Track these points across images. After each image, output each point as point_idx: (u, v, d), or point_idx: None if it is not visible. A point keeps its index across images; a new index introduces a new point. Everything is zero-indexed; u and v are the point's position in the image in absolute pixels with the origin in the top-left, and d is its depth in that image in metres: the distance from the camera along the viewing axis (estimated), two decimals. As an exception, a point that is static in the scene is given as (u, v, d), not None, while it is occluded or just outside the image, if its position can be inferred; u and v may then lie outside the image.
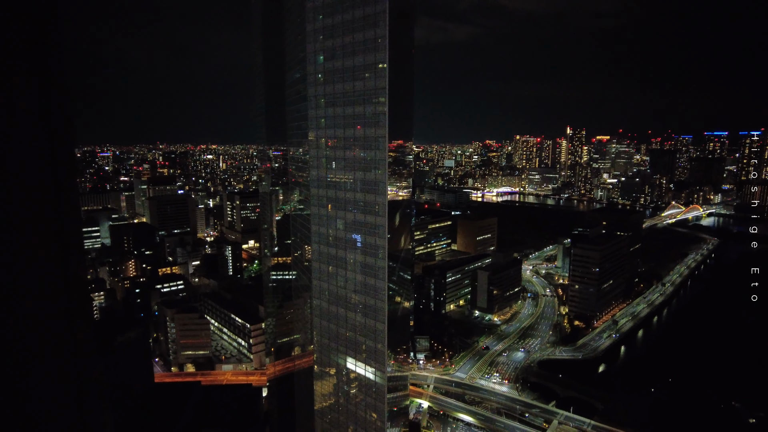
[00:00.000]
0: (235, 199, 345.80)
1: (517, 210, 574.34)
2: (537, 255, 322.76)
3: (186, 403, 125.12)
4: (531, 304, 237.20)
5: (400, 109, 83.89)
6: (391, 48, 77.67)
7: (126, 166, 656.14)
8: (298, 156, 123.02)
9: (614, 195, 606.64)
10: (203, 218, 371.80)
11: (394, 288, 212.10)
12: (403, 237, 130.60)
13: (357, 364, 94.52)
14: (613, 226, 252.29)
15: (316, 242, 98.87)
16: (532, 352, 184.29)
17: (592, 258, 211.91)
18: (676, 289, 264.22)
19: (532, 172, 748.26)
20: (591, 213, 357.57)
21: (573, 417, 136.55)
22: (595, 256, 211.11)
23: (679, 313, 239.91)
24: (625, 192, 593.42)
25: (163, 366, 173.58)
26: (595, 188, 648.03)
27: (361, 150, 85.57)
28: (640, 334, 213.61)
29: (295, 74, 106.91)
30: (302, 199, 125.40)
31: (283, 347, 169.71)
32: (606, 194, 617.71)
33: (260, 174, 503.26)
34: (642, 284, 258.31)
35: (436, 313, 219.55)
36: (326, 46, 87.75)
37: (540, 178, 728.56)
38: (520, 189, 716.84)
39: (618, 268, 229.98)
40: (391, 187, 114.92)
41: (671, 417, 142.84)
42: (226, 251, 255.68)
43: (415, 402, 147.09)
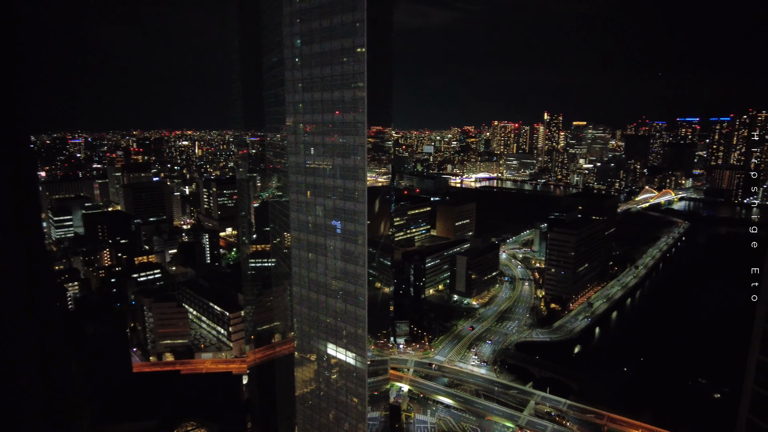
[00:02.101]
0: (211, 186, 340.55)
1: (495, 195, 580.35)
2: (514, 240, 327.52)
3: (166, 392, 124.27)
4: (508, 287, 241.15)
5: (379, 95, 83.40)
6: (370, 32, 76.78)
7: (99, 153, 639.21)
8: (276, 142, 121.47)
9: (590, 180, 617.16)
10: (179, 206, 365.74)
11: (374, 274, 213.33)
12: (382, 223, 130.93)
13: (337, 349, 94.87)
14: (588, 210, 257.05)
15: (295, 229, 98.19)
16: (509, 335, 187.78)
17: (568, 242, 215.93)
18: (649, 271, 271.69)
19: (509, 157, 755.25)
20: (567, 198, 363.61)
21: (549, 397, 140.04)
22: (571, 241, 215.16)
23: (651, 295, 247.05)
24: (601, 177, 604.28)
25: (142, 356, 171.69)
26: (571, 173, 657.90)
27: (339, 136, 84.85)
28: (614, 315, 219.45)
29: (272, 58, 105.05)
30: (280, 186, 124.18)
31: (262, 335, 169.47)
32: (582, 179, 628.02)
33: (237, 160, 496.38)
34: (616, 267, 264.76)
35: (415, 298, 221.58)
36: (303, 29, 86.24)
37: (518, 163, 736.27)
38: (498, 174, 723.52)
39: (593, 251, 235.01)
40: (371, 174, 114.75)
41: (642, 394, 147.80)
42: (204, 239, 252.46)
43: (396, 386, 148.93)
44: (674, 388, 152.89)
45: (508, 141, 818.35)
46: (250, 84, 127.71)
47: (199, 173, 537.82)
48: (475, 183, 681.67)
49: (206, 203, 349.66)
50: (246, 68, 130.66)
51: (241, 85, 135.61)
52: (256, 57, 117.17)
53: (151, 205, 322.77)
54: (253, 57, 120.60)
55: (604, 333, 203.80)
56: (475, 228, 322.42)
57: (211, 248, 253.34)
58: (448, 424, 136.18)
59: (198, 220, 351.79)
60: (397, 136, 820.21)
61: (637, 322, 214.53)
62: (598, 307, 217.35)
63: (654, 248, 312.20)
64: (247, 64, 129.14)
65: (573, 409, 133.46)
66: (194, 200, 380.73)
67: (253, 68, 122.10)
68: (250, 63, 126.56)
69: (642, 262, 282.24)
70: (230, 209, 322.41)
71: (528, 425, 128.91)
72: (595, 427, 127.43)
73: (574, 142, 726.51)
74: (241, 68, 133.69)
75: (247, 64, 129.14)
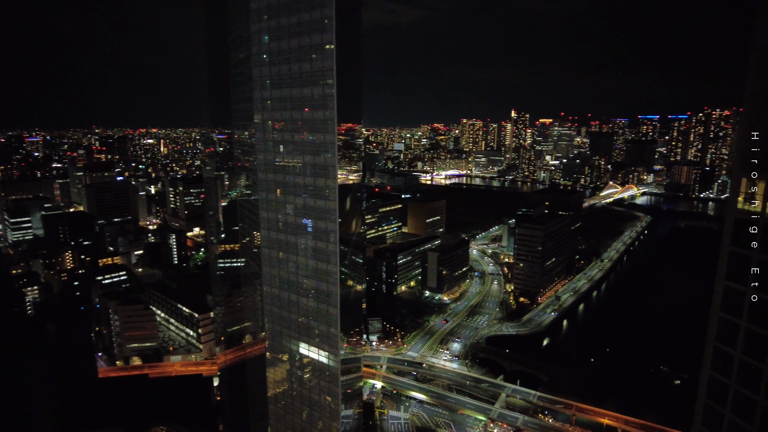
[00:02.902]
0: (178, 184, 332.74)
1: (464, 192, 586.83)
2: (484, 235, 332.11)
3: (133, 397, 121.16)
4: (478, 282, 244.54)
5: (348, 92, 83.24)
6: (339, 29, 76.51)
7: (59, 152, 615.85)
8: (244, 139, 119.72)
9: (556, 176, 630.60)
10: (145, 206, 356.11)
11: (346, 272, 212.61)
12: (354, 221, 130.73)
13: (310, 348, 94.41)
14: (555, 206, 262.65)
15: (264, 228, 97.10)
16: (479, 329, 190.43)
17: (536, 237, 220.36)
18: (614, 264, 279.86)
19: (478, 155, 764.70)
20: (534, 194, 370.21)
21: (520, 389, 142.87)
22: (538, 235, 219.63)
23: (616, 287, 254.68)
24: (567, 173, 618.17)
25: (108, 360, 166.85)
26: (538, 170, 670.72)
27: (309, 133, 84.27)
28: (581, 308, 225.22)
29: (239, 54, 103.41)
30: (249, 184, 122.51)
31: (233, 335, 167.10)
32: (548, 175, 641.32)
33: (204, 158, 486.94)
34: (582, 261, 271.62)
35: (388, 295, 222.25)
36: (271, 25, 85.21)
37: (486, 160, 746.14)
38: (467, 172, 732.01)
39: (560, 246, 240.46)
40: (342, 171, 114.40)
41: (608, 384, 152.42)
42: (171, 239, 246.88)
43: (369, 383, 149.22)
44: (638, 377, 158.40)
45: (476, 138, 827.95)
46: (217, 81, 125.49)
47: (165, 172, 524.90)
48: (445, 180, 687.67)
49: (173, 203, 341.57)
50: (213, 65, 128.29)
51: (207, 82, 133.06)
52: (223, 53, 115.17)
53: (116, 205, 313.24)
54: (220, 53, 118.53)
55: (571, 325, 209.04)
56: (446, 224, 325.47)
57: (179, 249, 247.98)
58: (422, 419, 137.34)
59: (164, 220, 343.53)
60: (367, 133, 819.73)
61: (603, 314, 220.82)
62: (565, 300, 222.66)
63: (618, 242, 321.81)
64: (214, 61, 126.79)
65: (543, 400, 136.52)
66: (160, 200, 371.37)
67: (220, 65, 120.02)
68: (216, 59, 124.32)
69: (607, 255, 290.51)
70: (198, 208, 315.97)
71: (499, 417, 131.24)
72: (565, 416, 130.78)
73: (540, 139, 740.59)
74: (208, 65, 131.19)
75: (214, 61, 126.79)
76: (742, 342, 55.89)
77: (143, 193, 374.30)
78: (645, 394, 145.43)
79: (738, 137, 63.19)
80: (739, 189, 54.93)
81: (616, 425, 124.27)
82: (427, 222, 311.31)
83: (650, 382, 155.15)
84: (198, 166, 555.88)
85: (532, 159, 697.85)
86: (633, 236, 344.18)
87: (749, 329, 54.90)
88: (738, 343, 56.25)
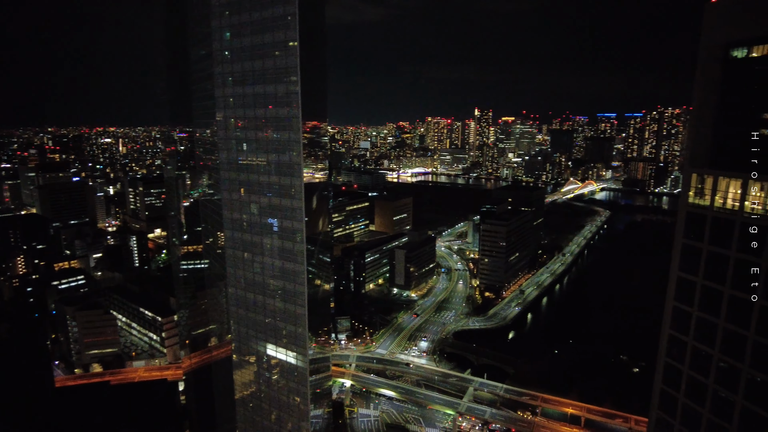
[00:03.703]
0: (138, 185, 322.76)
1: (430, 190, 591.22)
2: (449, 232, 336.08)
3: (95, 406, 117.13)
4: (445, 278, 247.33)
5: (313, 89, 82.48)
6: (302, 26, 75.79)
7: (8, 152, 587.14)
8: (206, 138, 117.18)
9: (519, 173, 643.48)
10: (103, 207, 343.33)
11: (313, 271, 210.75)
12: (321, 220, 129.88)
13: (277, 349, 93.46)
14: (518, 202, 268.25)
15: (228, 228, 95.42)
16: (447, 324, 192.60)
17: (500, 233, 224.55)
18: (575, 258, 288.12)
19: (443, 152, 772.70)
20: (498, 191, 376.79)
21: (487, 383, 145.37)
22: (502, 231, 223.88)
23: (578, 280, 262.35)
24: (529, 170, 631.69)
25: (65, 368, 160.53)
26: (501, 167, 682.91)
27: (273, 131, 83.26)
28: (544, 301, 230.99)
29: (200, 51, 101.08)
30: (212, 184, 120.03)
31: (198, 338, 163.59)
32: (511, 172, 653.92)
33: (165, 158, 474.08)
34: (545, 255, 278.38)
35: (356, 293, 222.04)
36: (233, 22, 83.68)
37: (451, 158, 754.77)
38: (432, 169, 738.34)
39: (523, 241, 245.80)
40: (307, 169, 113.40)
41: (571, 374, 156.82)
42: (131, 241, 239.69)
43: (338, 382, 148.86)
44: (599, 366, 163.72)
45: (441, 136, 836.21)
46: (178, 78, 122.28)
47: (124, 172, 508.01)
48: (411, 178, 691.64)
49: (133, 203, 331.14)
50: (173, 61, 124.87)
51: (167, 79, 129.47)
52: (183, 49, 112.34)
53: (72, 206, 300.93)
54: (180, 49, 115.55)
55: (535, 318, 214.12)
56: (413, 222, 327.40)
57: (140, 251, 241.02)
58: (391, 416, 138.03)
59: (124, 221, 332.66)
60: (333, 131, 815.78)
61: (565, 307, 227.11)
62: (529, 294, 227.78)
63: (579, 236, 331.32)
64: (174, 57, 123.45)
65: (509, 393, 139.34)
66: (120, 201, 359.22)
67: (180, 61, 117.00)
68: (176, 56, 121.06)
69: (568, 249, 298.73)
70: (159, 209, 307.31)
71: (468, 411, 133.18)
72: (530, 407, 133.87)
73: (503, 137, 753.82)
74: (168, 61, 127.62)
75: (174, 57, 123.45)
76: (694, 329, 58.59)
77: (101, 194, 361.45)
78: (606, 383, 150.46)
79: (688, 135, 66.13)
80: (689, 184, 57.48)
81: (580, 414, 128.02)
82: (395, 220, 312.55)
83: (611, 371, 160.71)
84: (159, 165, 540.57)
85: (496, 156, 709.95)
86: (593, 230, 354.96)
87: (700, 317, 57.59)
88: (690, 331, 58.93)
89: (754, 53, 52.18)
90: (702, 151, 57.09)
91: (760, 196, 50.28)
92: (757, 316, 50.92)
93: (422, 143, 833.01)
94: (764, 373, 50.82)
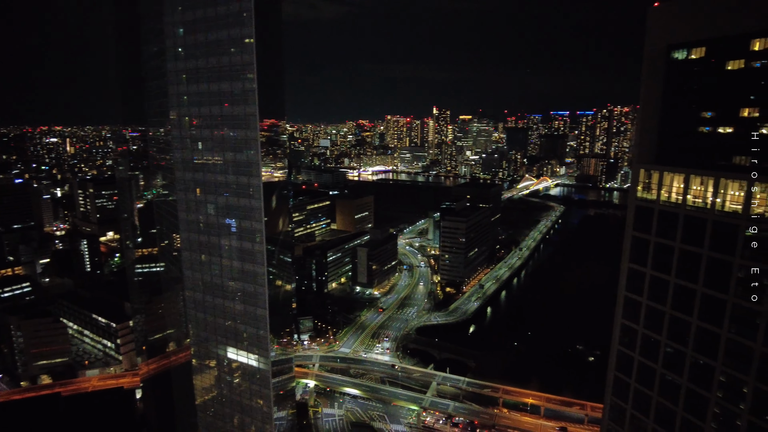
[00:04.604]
0: (88, 186, 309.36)
1: (391, 188, 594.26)
2: (411, 229, 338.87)
3: (44, 420, 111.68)
4: (407, 275, 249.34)
5: (270, 87, 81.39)
6: (258, 22, 74.62)
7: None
8: (160, 137, 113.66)
9: (476, 170, 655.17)
10: (51, 210, 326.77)
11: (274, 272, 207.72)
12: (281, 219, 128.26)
13: (239, 353, 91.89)
14: (476, 199, 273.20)
15: (185, 230, 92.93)
16: (409, 321, 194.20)
17: (459, 229, 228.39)
18: (531, 252, 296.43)
19: (403, 151, 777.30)
20: (457, 188, 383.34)
21: (450, 377, 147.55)
22: (462, 227, 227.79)
23: (534, 273, 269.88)
24: (486, 167, 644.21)
25: (10, 382, 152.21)
26: (459, 165, 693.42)
27: (230, 129, 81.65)
28: (503, 295, 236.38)
29: (152, 47, 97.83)
30: (166, 184, 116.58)
31: (156, 344, 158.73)
32: (469, 170, 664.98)
33: (116, 158, 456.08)
34: (503, 250, 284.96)
35: (318, 293, 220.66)
36: (186, 18, 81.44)
37: (411, 156, 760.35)
38: (393, 167, 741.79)
39: (482, 237, 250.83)
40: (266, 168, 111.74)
41: (530, 365, 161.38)
42: (82, 245, 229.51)
43: (302, 383, 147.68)
44: (557, 356, 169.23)
45: (401, 135, 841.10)
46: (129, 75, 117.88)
47: (72, 173, 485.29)
48: (372, 176, 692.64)
49: (83, 206, 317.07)
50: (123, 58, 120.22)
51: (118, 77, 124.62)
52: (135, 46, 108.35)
53: (15, 210, 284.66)
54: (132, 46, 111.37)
55: (495, 312, 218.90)
56: (374, 220, 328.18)
57: (91, 255, 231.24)
58: (356, 414, 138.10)
59: (74, 224, 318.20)
60: (292, 129, 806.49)
61: (523, 299, 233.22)
62: (488, 288, 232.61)
63: (535, 231, 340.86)
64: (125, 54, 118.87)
65: (471, 386, 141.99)
66: (68, 203, 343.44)
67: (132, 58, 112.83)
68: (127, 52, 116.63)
69: (525, 244, 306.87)
70: (111, 211, 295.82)
71: (431, 406, 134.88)
72: (492, 399, 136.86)
73: (461, 135, 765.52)
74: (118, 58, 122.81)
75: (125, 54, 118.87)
76: (644, 318, 61.48)
77: (48, 197, 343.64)
78: (564, 372, 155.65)
79: (635, 132, 69.25)
80: (638, 179, 60.20)
81: (540, 403, 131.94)
82: (356, 218, 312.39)
83: (568, 361, 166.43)
84: (110, 166, 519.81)
85: (454, 154, 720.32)
86: (548, 225, 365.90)
87: (649, 306, 60.47)
88: (641, 319, 61.81)
89: (693, 55, 55.15)
90: (649, 148, 59.91)
91: (700, 191, 53.24)
92: (699, 303, 53.96)
93: (382, 141, 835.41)
94: (706, 356, 53.93)
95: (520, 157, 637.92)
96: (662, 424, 60.00)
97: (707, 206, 52.13)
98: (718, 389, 52.86)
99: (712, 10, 52.11)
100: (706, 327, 53.35)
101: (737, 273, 49.65)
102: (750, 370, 49.45)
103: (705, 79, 55.06)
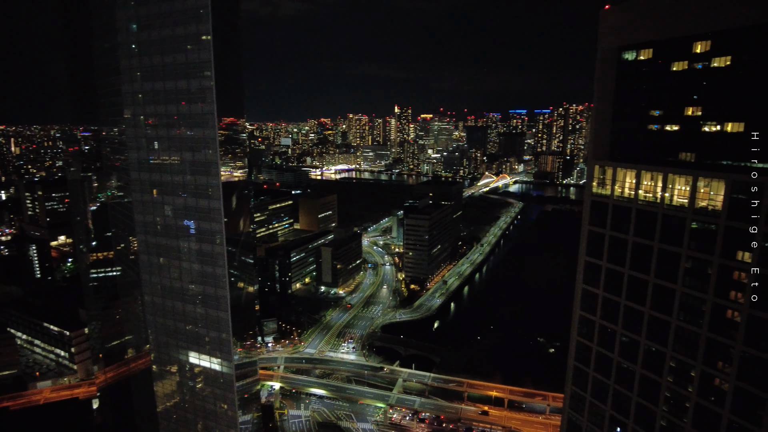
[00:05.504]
0: (36, 189, 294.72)
1: (354, 186, 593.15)
2: (375, 227, 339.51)
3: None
4: (372, 273, 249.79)
5: (228, 85, 79.89)
6: (215, 18, 73.09)
7: None
8: (114, 136, 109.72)
9: (438, 168, 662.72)
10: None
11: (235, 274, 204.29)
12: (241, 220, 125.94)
13: (201, 357, 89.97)
14: (438, 196, 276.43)
15: (141, 232, 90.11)
16: (375, 319, 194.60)
17: (423, 227, 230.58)
18: (492, 248, 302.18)
19: (365, 149, 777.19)
20: (419, 186, 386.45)
21: (415, 373, 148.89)
22: (425, 225, 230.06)
23: (495, 268, 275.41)
24: (447, 165, 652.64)
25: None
26: (421, 163, 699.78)
27: (187, 128, 79.69)
28: (465, 290, 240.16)
29: (104, 44, 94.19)
30: (121, 185, 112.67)
31: (113, 351, 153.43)
32: (431, 168, 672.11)
33: (67, 158, 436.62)
34: (465, 246, 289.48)
35: (282, 294, 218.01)
36: (140, 13, 78.85)
37: (373, 155, 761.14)
38: (356, 166, 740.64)
39: (444, 234, 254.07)
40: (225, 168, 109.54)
41: (493, 358, 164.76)
42: (30, 251, 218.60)
43: (267, 385, 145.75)
44: (518, 349, 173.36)
45: (363, 133, 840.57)
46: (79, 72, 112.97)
47: (18, 175, 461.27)
48: (335, 175, 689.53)
49: (31, 209, 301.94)
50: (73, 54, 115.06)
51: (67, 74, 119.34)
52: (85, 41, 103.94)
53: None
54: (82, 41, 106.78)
55: (458, 307, 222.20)
56: (338, 219, 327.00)
57: (41, 260, 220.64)
58: (323, 414, 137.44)
59: (21, 229, 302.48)
60: (251, 128, 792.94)
61: (485, 294, 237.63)
62: (451, 284, 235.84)
63: (495, 227, 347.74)
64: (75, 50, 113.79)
65: (437, 381, 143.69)
66: (14, 206, 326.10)
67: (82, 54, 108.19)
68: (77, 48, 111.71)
69: (486, 240, 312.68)
70: (62, 214, 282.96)
71: (398, 402, 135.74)
72: (457, 394, 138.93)
73: (422, 134, 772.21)
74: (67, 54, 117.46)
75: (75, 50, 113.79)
76: (600, 309, 63.83)
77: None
78: (525, 364, 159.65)
79: (590, 130, 71.74)
80: (593, 175, 62.36)
81: (503, 396, 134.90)
82: (320, 217, 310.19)
83: (529, 353, 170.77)
84: (60, 167, 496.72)
85: (416, 153, 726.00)
86: (508, 221, 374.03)
87: (605, 297, 62.83)
88: (597, 311, 64.15)
89: (642, 56, 57.59)
90: (603, 145, 62.17)
91: (651, 186, 55.72)
92: (651, 293, 56.51)
93: (345, 140, 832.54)
94: (658, 343, 56.58)
95: (480, 155, 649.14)
96: (619, 410, 62.59)
97: (657, 200, 54.60)
98: (669, 374, 55.56)
99: (657, 14, 54.53)
100: (657, 316, 55.95)
101: (684, 263, 52.27)
102: (697, 355, 52.22)
103: (653, 79, 57.58)
